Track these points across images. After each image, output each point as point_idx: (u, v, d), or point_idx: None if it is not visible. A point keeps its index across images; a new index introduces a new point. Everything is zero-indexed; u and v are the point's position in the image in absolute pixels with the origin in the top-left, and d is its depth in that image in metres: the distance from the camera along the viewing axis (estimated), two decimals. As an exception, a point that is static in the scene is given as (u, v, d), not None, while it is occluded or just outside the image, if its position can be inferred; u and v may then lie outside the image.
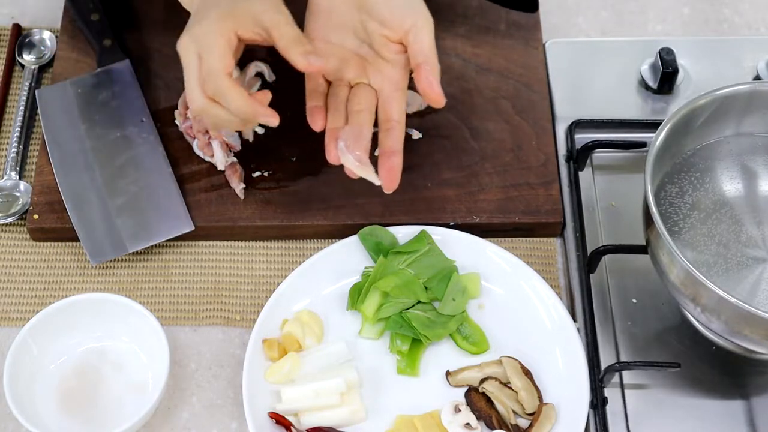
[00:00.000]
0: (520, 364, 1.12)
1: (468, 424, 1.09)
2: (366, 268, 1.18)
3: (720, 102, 1.11)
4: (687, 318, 1.16)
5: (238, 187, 1.21)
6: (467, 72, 1.31)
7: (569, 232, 1.22)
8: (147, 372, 1.12)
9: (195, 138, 1.23)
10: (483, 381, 1.11)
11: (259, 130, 1.25)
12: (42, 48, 1.35)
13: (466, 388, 1.12)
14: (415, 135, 1.25)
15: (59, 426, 1.09)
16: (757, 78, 1.32)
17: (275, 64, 1.28)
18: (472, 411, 1.10)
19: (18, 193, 1.25)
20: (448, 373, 1.13)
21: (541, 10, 1.34)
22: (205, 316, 1.18)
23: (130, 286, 1.20)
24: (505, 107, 1.29)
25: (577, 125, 1.27)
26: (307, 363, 1.12)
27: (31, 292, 1.20)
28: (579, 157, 1.25)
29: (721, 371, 1.13)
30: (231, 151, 1.23)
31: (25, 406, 1.07)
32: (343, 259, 1.19)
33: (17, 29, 1.37)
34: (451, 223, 1.21)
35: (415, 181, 1.21)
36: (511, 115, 1.28)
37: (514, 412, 1.11)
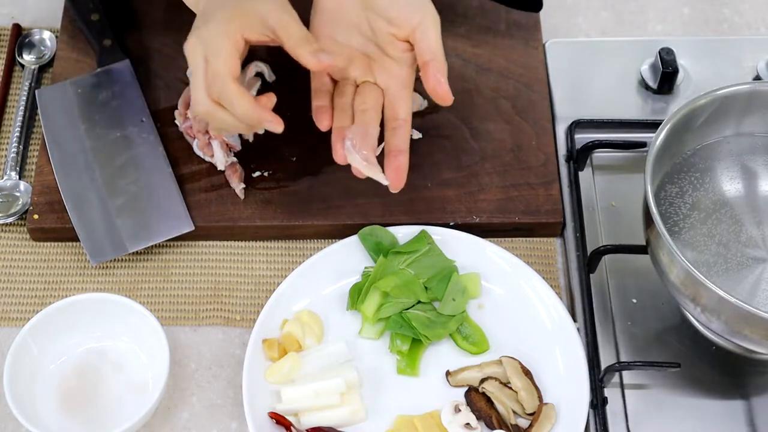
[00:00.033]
0: (520, 364, 1.12)
1: (468, 424, 1.09)
2: (366, 268, 1.18)
3: (720, 102, 1.11)
4: (687, 318, 1.16)
5: (238, 187, 1.21)
6: (467, 72, 1.31)
7: (569, 232, 1.22)
8: (147, 372, 1.12)
9: (195, 138, 1.23)
10: (483, 381, 1.11)
11: (260, 130, 1.25)
12: (42, 48, 1.35)
13: (466, 388, 1.12)
14: (415, 135, 1.25)
15: (59, 426, 1.09)
16: (757, 78, 1.32)
17: (275, 64, 1.28)
18: (472, 411, 1.10)
19: (18, 193, 1.24)
20: (448, 373, 1.13)
21: (542, 10, 1.34)
22: (205, 316, 1.18)
23: (130, 286, 1.20)
24: (505, 107, 1.29)
25: (577, 125, 1.27)
26: (307, 363, 1.12)
27: (31, 292, 1.20)
28: (579, 157, 1.25)
29: (721, 371, 1.13)
30: (231, 151, 1.23)
31: (25, 406, 1.07)
32: (343, 259, 1.19)
33: (17, 29, 1.37)
34: (451, 223, 1.21)
35: (415, 181, 1.20)
36: (511, 115, 1.28)
37: (514, 412, 1.11)
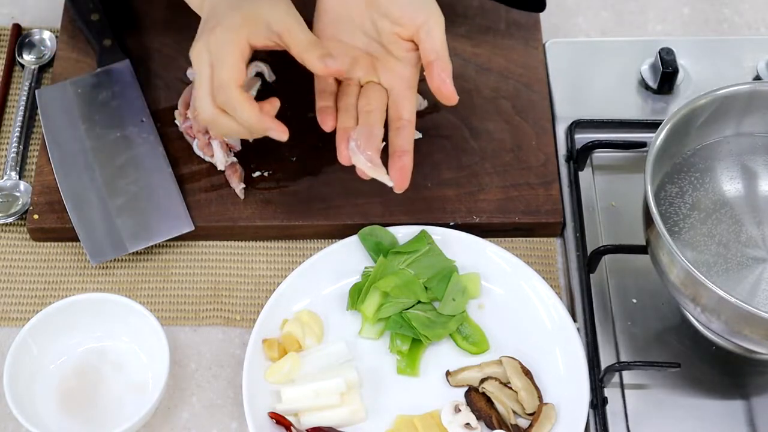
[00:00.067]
0: (520, 364, 1.12)
1: (468, 424, 1.09)
2: (366, 268, 1.18)
3: (720, 102, 1.11)
4: (687, 318, 1.16)
5: (238, 187, 1.21)
6: (467, 72, 1.31)
7: (569, 232, 1.22)
8: (147, 372, 1.12)
9: (195, 138, 1.23)
10: (483, 381, 1.11)
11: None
12: (42, 48, 1.35)
13: (466, 388, 1.12)
14: (415, 135, 1.25)
15: (59, 426, 1.09)
16: (757, 78, 1.32)
17: (275, 64, 1.28)
18: (472, 411, 1.10)
19: (18, 193, 1.24)
20: (448, 373, 1.13)
21: (541, 10, 1.34)
22: (205, 316, 1.18)
23: (130, 286, 1.20)
24: (505, 107, 1.29)
25: (577, 125, 1.27)
26: (307, 363, 1.12)
27: (31, 292, 1.20)
28: (579, 157, 1.25)
29: (721, 371, 1.13)
30: (231, 151, 1.23)
31: (25, 406, 1.07)
32: (343, 259, 1.19)
33: (17, 29, 1.37)
34: (451, 223, 1.21)
35: (415, 181, 1.20)
36: (511, 115, 1.28)
37: (514, 412, 1.10)
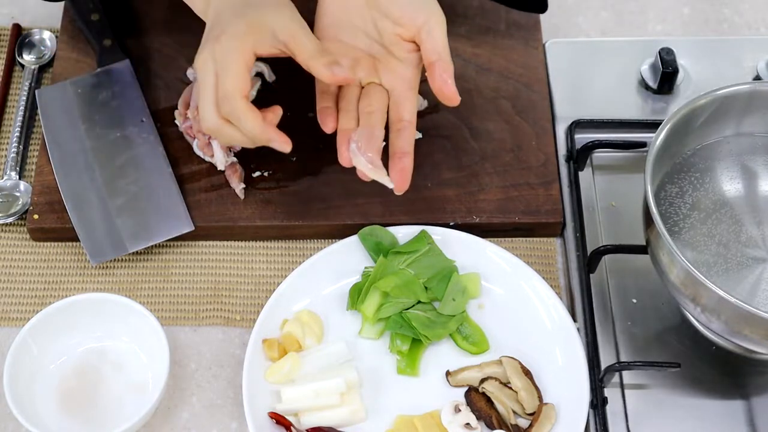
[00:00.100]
0: (520, 364, 1.12)
1: (468, 424, 1.09)
2: (366, 268, 1.18)
3: (720, 102, 1.11)
4: (687, 318, 1.16)
5: (238, 187, 1.21)
6: (467, 72, 1.31)
7: (569, 232, 1.22)
8: (147, 372, 1.12)
9: (195, 138, 1.23)
10: (483, 381, 1.11)
11: None
12: (42, 48, 1.35)
13: (466, 388, 1.12)
14: (416, 135, 1.25)
15: (59, 426, 1.09)
16: (757, 78, 1.32)
17: (275, 64, 1.27)
18: (472, 411, 1.10)
19: (18, 193, 1.24)
20: (448, 373, 1.13)
21: (541, 10, 1.34)
22: (205, 316, 1.18)
23: (130, 286, 1.20)
24: (505, 107, 1.29)
25: (577, 125, 1.27)
26: (307, 363, 1.12)
27: (31, 292, 1.20)
28: (579, 157, 1.25)
29: (721, 371, 1.13)
30: (231, 151, 1.23)
31: (25, 406, 1.07)
32: (343, 259, 1.19)
33: (17, 29, 1.37)
34: (451, 223, 1.21)
35: (415, 181, 1.20)
36: (511, 115, 1.28)
37: (514, 412, 1.10)
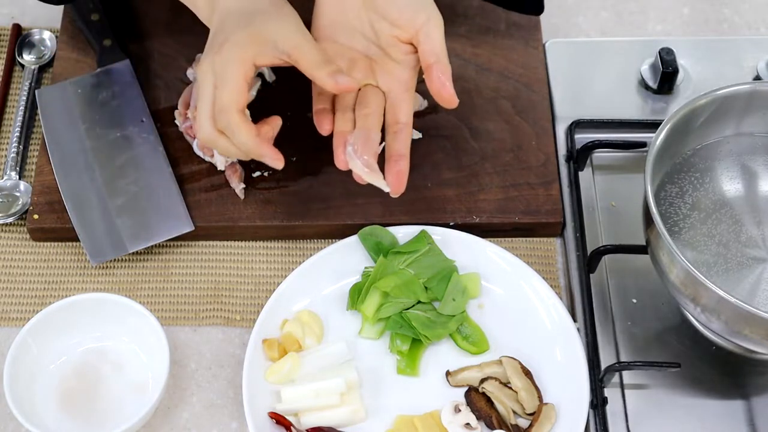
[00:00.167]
0: (520, 364, 1.12)
1: (468, 424, 1.09)
2: (366, 268, 1.18)
3: (720, 102, 1.11)
4: (687, 318, 1.16)
5: (238, 187, 1.21)
6: (467, 72, 1.31)
7: (569, 232, 1.22)
8: (147, 372, 1.12)
9: (195, 138, 1.23)
10: (483, 381, 1.11)
11: None
12: (42, 48, 1.35)
13: (466, 388, 1.12)
14: (415, 135, 1.25)
15: (59, 426, 1.09)
16: (757, 78, 1.32)
17: (275, 64, 1.28)
18: (472, 411, 1.10)
19: (18, 193, 1.24)
20: (448, 373, 1.13)
21: (541, 10, 1.34)
22: (205, 316, 1.18)
23: (130, 286, 1.20)
24: (505, 107, 1.29)
25: (577, 125, 1.27)
26: (307, 363, 1.12)
27: (31, 292, 1.20)
28: (579, 157, 1.25)
29: (721, 371, 1.13)
30: (231, 151, 1.23)
31: (25, 406, 1.07)
32: (343, 259, 1.19)
33: (17, 29, 1.37)
34: (451, 223, 1.21)
35: (415, 181, 1.20)
36: (511, 115, 1.28)
37: (514, 412, 1.10)
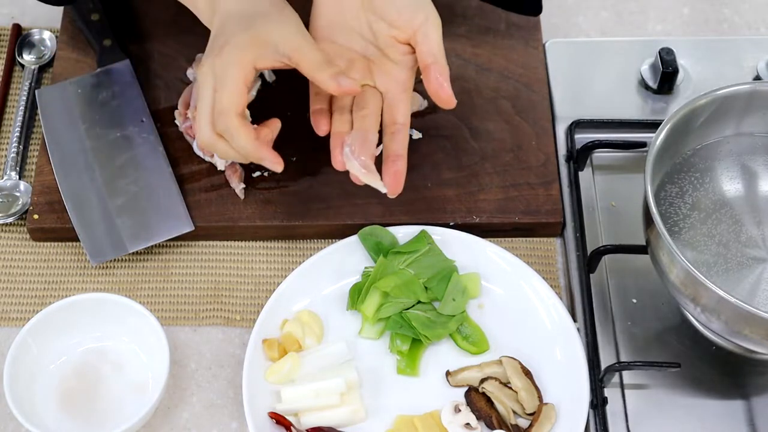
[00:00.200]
0: (520, 364, 1.12)
1: (468, 424, 1.09)
2: (366, 268, 1.18)
3: (720, 102, 1.11)
4: (687, 318, 1.16)
5: (238, 187, 1.21)
6: (467, 72, 1.31)
7: (569, 232, 1.22)
8: (147, 372, 1.12)
9: (195, 138, 1.23)
10: (483, 381, 1.11)
11: None
12: (42, 48, 1.35)
13: (466, 388, 1.12)
14: (415, 135, 1.25)
15: (59, 426, 1.09)
16: (757, 78, 1.32)
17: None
18: (472, 411, 1.10)
19: (18, 193, 1.24)
20: (448, 373, 1.13)
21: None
22: (205, 316, 1.18)
23: (130, 286, 1.20)
24: (505, 107, 1.29)
25: (577, 125, 1.27)
26: (307, 363, 1.12)
27: (31, 292, 1.20)
28: (579, 157, 1.25)
29: (721, 371, 1.13)
30: (231, 151, 1.23)
31: (25, 406, 1.07)
32: (343, 259, 1.19)
33: (17, 29, 1.37)
34: (451, 223, 1.21)
35: (415, 181, 1.20)
36: (511, 115, 1.28)
37: (514, 412, 1.10)
